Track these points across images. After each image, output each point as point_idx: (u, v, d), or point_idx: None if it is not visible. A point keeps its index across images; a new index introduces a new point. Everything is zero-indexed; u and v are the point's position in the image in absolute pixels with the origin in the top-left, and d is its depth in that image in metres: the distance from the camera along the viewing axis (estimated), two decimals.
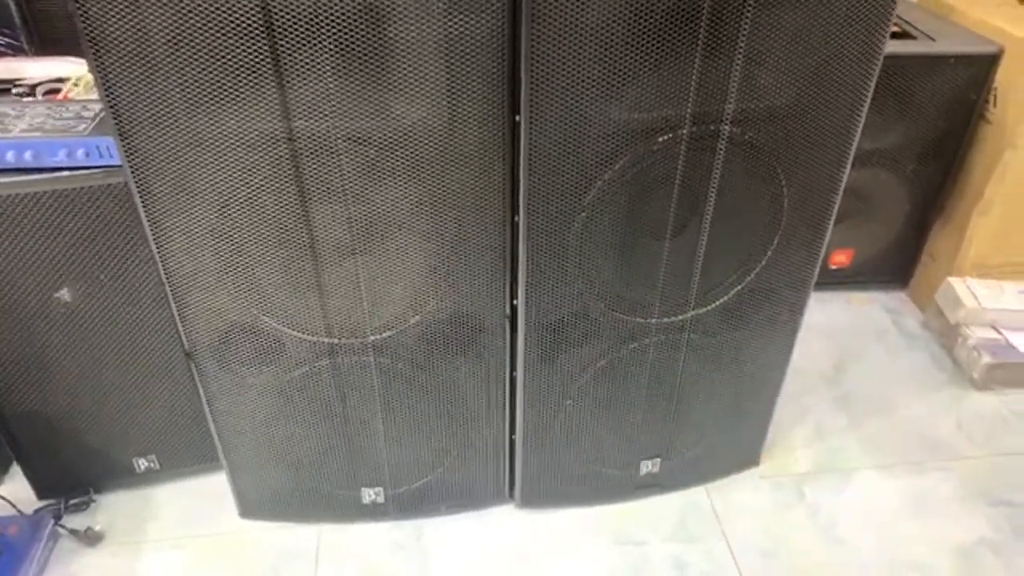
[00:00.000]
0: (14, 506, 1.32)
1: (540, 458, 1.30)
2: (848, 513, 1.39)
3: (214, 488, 1.38)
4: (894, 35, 0.96)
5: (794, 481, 1.45)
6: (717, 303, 1.16)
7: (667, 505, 1.40)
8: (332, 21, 0.82)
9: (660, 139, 0.97)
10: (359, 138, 0.92)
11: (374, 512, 1.35)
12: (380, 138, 0.92)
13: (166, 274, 1.03)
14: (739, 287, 1.15)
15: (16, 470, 1.38)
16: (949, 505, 1.41)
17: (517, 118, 0.92)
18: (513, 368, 1.19)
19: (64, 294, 1.14)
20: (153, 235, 0.99)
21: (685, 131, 0.96)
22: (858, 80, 0.99)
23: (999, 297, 1.69)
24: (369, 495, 1.33)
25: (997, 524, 1.37)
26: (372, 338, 1.11)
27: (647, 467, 1.37)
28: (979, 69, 1.60)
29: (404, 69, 0.87)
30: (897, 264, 1.92)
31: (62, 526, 1.32)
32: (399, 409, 1.21)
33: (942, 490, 1.44)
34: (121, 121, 0.89)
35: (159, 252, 1.01)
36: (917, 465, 1.48)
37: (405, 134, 0.92)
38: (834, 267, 1.89)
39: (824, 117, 1.01)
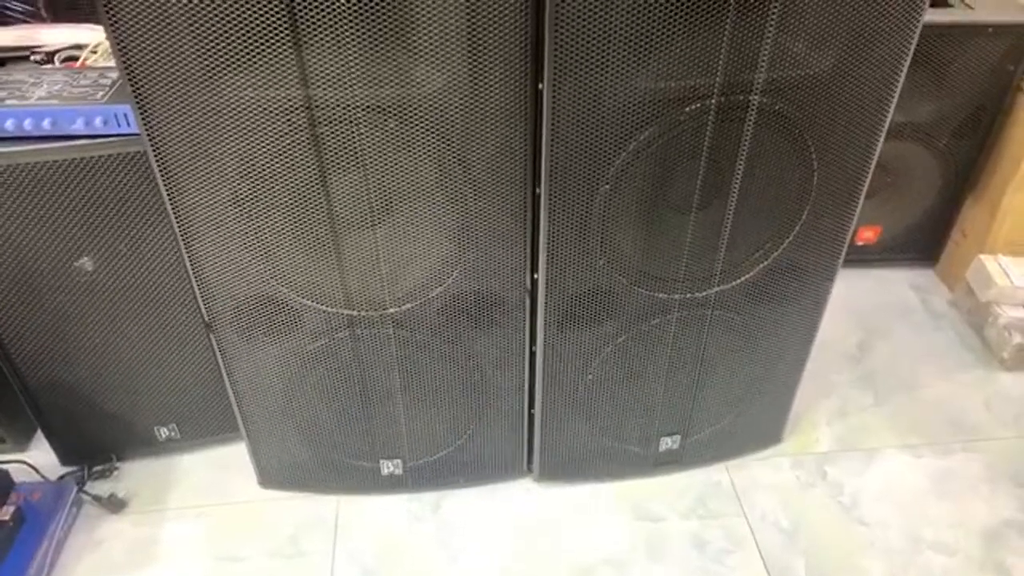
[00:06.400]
0: (38, 472, 1.34)
1: (559, 432, 1.30)
2: (871, 493, 1.37)
3: (234, 458, 1.39)
4: (931, 3, 0.92)
5: (816, 460, 1.43)
6: (742, 279, 1.14)
7: (686, 482, 1.39)
8: None
9: (687, 109, 0.94)
10: (379, 107, 0.90)
11: (392, 484, 1.35)
12: (400, 107, 0.90)
13: (185, 244, 1.02)
14: (765, 263, 1.13)
15: (40, 437, 1.40)
16: (975, 486, 1.38)
17: (540, 86, 0.90)
18: (533, 342, 1.17)
19: (85, 263, 1.14)
20: (172, 205, 0.98)
21: (714, 101, 0.93)
22: (895, 49, 0.95)
23: None
24: (388, 467, 1.33)
25: None
26: (391, 310, 1.10)
27: (667, 443, 1.35)
28: (1018, 39, 1.55)
29: (425, 34, 0.85)
30: (926, 241, 1.87)
31: (86, 492, 1.33)
32: (418, 382, 1.21)
33: (968, 471, 1.41)
34: (138, 88, 0.88)
35: (178, 222, 1.00)
36: (943, 446, 1.46)
37: (425, 103, 0.90)
38: (861, 244, 1.85)
39: (858, 88, 0.97)
